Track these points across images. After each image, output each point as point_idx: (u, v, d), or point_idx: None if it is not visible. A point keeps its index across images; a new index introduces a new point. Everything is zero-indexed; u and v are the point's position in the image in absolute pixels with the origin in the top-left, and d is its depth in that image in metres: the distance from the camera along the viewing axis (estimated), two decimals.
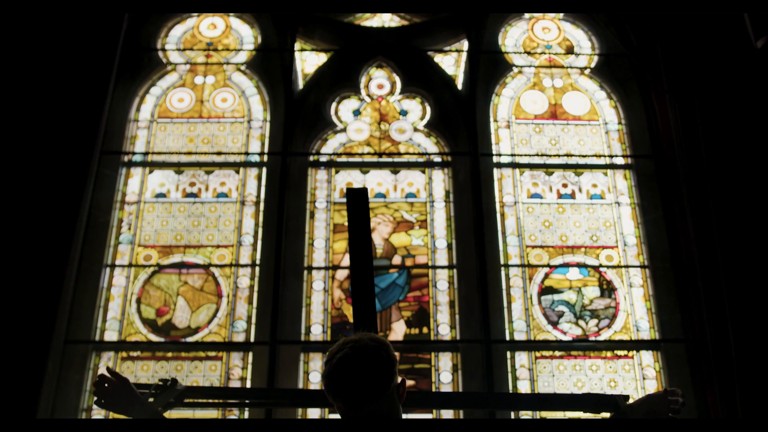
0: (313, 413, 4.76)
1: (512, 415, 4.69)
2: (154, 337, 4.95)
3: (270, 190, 5.40)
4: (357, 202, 2.84)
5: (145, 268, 5.16)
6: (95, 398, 2.55)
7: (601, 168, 5.64)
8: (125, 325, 4.98)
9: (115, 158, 5.46)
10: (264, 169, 5.51)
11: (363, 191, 2.90)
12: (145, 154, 5.55)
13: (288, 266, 5.16)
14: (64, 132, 4.90)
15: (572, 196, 5.52)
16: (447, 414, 4.75)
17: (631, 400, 2.79)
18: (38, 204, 4.67)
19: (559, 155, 5.65)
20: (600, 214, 5.46)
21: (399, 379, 2.34)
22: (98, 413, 4.68)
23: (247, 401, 3.78)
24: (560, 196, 5.51)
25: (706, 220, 4.83)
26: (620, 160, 5.67)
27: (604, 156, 5.68)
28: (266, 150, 5.58)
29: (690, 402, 4.69)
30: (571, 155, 5.66)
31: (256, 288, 5.12)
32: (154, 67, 5.91)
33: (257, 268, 5.18)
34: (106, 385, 2.56)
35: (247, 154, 5.57)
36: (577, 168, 5.62)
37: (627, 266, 5.27)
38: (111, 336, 4.94)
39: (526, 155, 5.64)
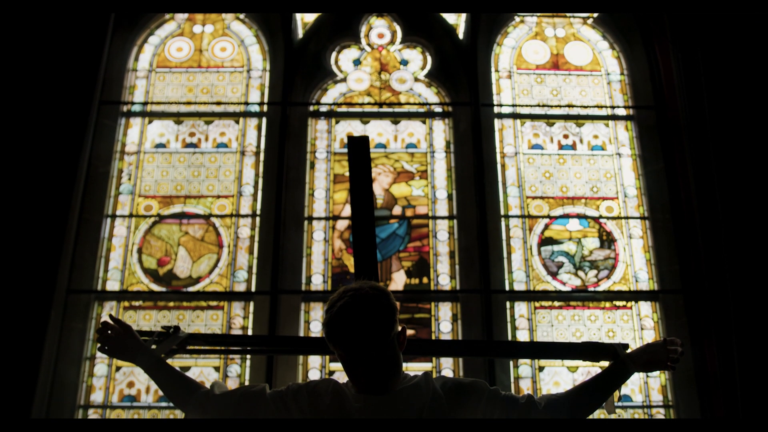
0: (314, 361, 4.82)
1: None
2: (155, 287, 4.98)
3: (270, 140, 5.38)
4: (358, 150, 2.83)
5: (146, 218, 5.17)
6: (99, 345, 2.57)
7: (602, 119, 5.60)
8: (127, 275, 5.01)
9: (114, 108, 5.43)
10: (264, 119, 5.48)
11: (364, 139, 2.87)
12: (144, 104, 5.51)
13: (288, 216, 5.16)
14: (62, 82, 4.87)
15: (573, 147, 5.50)
16: (446, 363, 4.81)
17: (629, 350, 2.81)
18: (38, 155, 4.67)
19: (560, 106, 5.62)
20: (601, 165, 5.44)
21: (399, 328, 2.36)
22: (102, 361, 4.73)
23: (248, 348, 3.82)
24: (561, 147, 5.49)
25: (707, 172, 4.82)
26: (622, 111, 5.63)
27: (606, 107, 5.63)
28: (266, 100, 5.54)
29: (687, 352, 4.73)
30: (573, 106, 5.62)
31: (256, 238, 5.13)
32: (152, 15, 5.81)
33: (258, 219, 5.18)
34: (109, 332, 2.58)
35: (246, 104, 5.54)
36: (579, 119, 5.59)
37: (627, 217, 5.27)
38: (113, 286, 4.97)
39: (527, 106, 5.60)
